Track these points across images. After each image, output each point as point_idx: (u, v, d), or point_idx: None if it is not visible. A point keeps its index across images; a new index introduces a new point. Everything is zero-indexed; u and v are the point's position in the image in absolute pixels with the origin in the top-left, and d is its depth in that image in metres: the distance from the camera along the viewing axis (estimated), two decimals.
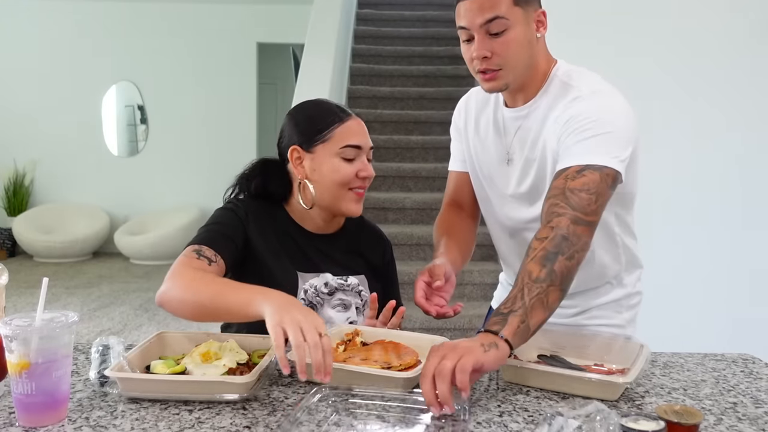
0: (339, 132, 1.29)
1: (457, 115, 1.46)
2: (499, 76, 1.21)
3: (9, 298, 4.77)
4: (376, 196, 4.23)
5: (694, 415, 0.83)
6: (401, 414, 0.93)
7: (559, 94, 1.24)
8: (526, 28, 1.19)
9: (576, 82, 1.24)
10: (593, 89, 1.22)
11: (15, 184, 7.02)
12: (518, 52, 1.19)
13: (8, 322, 0.88)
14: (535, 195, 1.28)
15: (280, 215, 1.36)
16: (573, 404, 0.83)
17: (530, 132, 1.27)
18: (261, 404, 0.98)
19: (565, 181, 1.13)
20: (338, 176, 1.28)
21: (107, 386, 1.01)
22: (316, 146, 1.30)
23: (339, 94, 4.80)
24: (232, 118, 7.09)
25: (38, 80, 7.13)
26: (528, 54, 1.21)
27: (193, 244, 1.23)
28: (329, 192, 1.30)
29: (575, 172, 1.13)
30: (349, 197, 1.31)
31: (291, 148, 1.32)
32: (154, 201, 7.18)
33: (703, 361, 1.24)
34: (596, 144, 1.15)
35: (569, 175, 1.14)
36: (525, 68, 1.22)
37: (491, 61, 1.19)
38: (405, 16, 6.38)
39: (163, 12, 7.13)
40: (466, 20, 1.19)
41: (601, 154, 1.14)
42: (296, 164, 1.32)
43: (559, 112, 1.22)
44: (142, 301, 5.13)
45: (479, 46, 1.18)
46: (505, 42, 1.17)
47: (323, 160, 1.29)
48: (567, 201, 1.11)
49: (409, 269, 3.68)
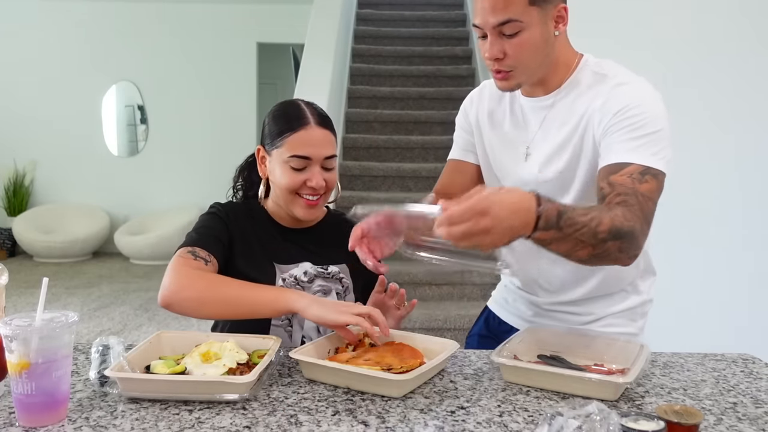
0: (290, 141, 1.30)
1: (469, 105, 1.41)
2: (511, 76, 1.19)
3: (9, 298, 4.77)
4: (376, 196, 4.23)
5: (694, 415, 0.83)
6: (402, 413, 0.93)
7: (594, 83, 1.21)
8: (543, 27, 1.15)
9: (612, 72, 1.20)
10: (634, 78, 1.19)
11: (15, 184, 7.02)
12: (533, 54, 1.16)
13: (8, 322, 0.88)
14: (561, 183, 1.23)
15: (258, 212, 1.41)
16: (573, 404, 0.83)
17: (556, 122, 1.24)
18: (261, 404, 0.98)
19: (632, 181, 1.09)
20: (284, 183, 1.31)
21: (107, 386, 1.01)
22: (272, 150, 1.34)
23: (339, 94, 4.81)
24: (232, 118, 7.09)
25: (38, 80, 7.13)
26: (544, 53, 1.18)
27: (186, 246, 1.27)
28: (281, 196, 1.35)
29: (639, 174, 1.10)
30: (298, 203, 1.33)
31: (258, 146, 1.39)
32: (154, 201, 7.18)
33: (703, 361, 1.24)
34: (653, 143, 1.12)
35: (634, 176, 1.10)
36: (540, 67, 1.20)
37: (504, 62, 1.17)
38: (405, 16, 6.39)
39: (163, 12, 7.13)
40: (480, 19, 1.16)
41: (659, 158, 1.12)
42: (261, 163, 1.38)
43: (603, 99, 1.17)
44: (142, 301, 5.13)
45: (491, 48, 1.16)
46: (519, 44, 1.14)
47: (275, 165, 1.33)
48: (641, 207, 1.07)
49: (408, 269, 3.69)
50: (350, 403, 0.98)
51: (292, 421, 0.92)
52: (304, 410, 0.96)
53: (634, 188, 1.08)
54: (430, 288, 3.69)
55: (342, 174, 4.54)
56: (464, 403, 1.00)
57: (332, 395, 1.02)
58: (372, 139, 4.83)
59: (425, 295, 3.70)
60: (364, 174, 4.53)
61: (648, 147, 1.12)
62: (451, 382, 1.09)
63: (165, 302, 1.19)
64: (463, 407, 0.98)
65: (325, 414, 0.94)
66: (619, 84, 1.18)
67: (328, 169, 1.33)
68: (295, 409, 0.96)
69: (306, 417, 0.93)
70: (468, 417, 0.94)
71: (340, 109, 4.90)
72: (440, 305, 3.58)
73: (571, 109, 1.22)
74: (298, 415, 0.94)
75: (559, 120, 1.24)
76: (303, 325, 1.35)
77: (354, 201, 4.46)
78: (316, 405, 0.98)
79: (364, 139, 4.84)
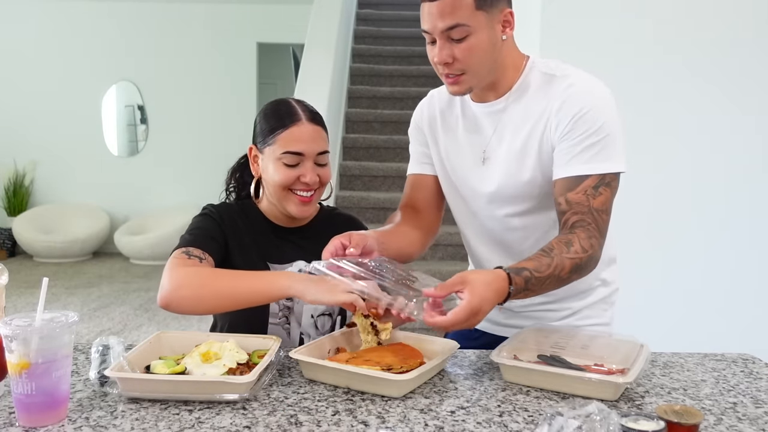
0: (282, 138, 1.31)
1: (419, 117, 1.42)
2: (462, 80, 1.20)
3: (9, 298, 4.77)
4: (376, 196, 4.23)
5: (694, 415, 0.83)
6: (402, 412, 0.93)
7: (543, 84, 1.23)
8: (490, 31, 1.17)
9: (560, 71, 1.23)
10: (583, 77, 1.22)
11: (15, 184, 7.02)
12: (481, 57, 1.18)
13: (8, 322, 0.88)
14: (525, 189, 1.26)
15: (252, 212, 1.41)
16: (573, 404, 0.83)
17: (510, 125, 1.26)
18: (261, 404, 0.98)
19: (587, 198, 1.16)
20: (278, 179, 1.31)
21: (107, 386, 1.01)
22: (265, 148, 1.34)
23: (339, 94, 4.80)
24: (233, 118, 7.09)
25: (38, 80, 7.13)
26: (492, 57, 1.20)
27: (179, 247, 1.28)
28: (275, 193, 1.35)
29: (593, 188, 1.16)
30: (292, 200, 1.33)
31: (250, 145, 1.39)
32: (154, 201, 7.18)
33: (703, 361, 1.24)
34: (606, 147, 1.17)
35: (588, 191, 1.16)
36: (490, 71, 1.22)
37: (453, 66, 1.19)
38: (405, 16, 6.39)
39: (163, 12, 7.13)
40: (428, 24, 1.17)
41: (613, 161, 1.17)
42: (253, 162, 1.39)
43: (559, 103, 1.19)
44: (142, 301, 5.13)
45: (440, 52, 1.18)
46: (467, 48, 1.16)
47: (268, 163, 1.34)
48: (597, 224, 1.17)
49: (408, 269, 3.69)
50: (350, 403, 0.98)
51: (292, 421, 0.92)
52: (304, 410, 0.96)
53: (589, 206, 1.17)
54: None
55: (342, 174, 4.53)
56: (464, 403, 1.00)
57: (332, 395, 1.02)
58: (372, 139, 4.83)
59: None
60: (364, 174, 4.53)
61: (601, 153, 1.17)
62: (451, 382, 1.09)
63: (163, 303, 1.19)
64: (463, 407, 0.98)
65: (325, 414, 0.94)
66: (571, 85, 1.20)
67: (321, 165, 1.34)
68: (295, 409, 0.96)
69: (306, 417, 0.93)
70: (468, 417, 0.94)
71: (340, 109, 4.90)
72: None
73: (525, 112, 1.24)
74: (298, 415, 0.94)
75: (513, 123, 1.26)
76: (300, 322, 1.36)
77: (354, 201, 4.48)
78: (316, 405, 0.98)
79: (364, 139, 4.84)
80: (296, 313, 1.36)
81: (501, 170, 1.27)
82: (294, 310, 1.36)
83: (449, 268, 3.74)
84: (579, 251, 1.13)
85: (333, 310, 1.39)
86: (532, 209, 1.28)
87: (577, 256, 1.13)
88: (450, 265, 3.84)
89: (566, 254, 1.13)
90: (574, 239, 1.14)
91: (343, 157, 4.76)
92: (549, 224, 1.28)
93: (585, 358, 1.13)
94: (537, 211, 1.28)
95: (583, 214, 1.16)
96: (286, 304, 1.35)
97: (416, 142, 1.44)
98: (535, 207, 1.27)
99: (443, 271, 3.70)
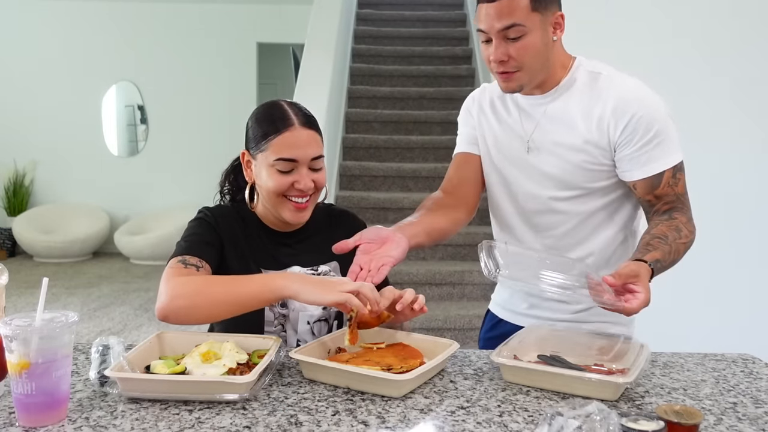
0: (274, 144, 1.28)
1: (470, 103, 1.50)
2: (515, 77, 1.28)
3: (9, 298, 4.77)
4: (376, 196, 4.23)
5: (694, 415, 0.83)
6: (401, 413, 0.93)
7: (590, 81, 1.32)
8: (543, 32, 1.25)
9: (605, 71, 1.32)
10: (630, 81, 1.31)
11: (15, 184, 7.02)
12: (535, 56, 1.26)
13: (8, 322, 0.88)
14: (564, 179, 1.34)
15: (248, 217, 1.38)
16: (573, 404, 0.83)
17: (556, 117, 1.33)
18: (261, 404, 0.98)
19: (671, 188, 1.30)
20: (271, 186, 1.29)
21: (107, 386, 1.01)
22: (257, 154, 1.31)
23: (339, 94, 4.80)
24: (232, 118, 7.07)
25: (38, 80, 7.13)
26: (545, 57, 1.27)
27: (176, 256, 1.25)
28: (269, 199, 1.32)
29: (672, 177, 1.29)
30: (287, 207, 1.31)
31: (242, 151, 1.36)
32: (154, 201, 7.18)
33: (703, 361, 1.24)
34: (668, 141, 1.28)
35: (670, 182, 1.30)
36: (541, 69, 1.29)
37: (508, 64, 1.26)
38: (405, 16, 6.39)
39: (163, 12, 7.13)
40: (485, 24, 1.25)
41: (676, 150, 1.29)
42: (246, 168, 1.36)
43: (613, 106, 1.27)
44: (142, 301, 5.13)
45: (496, 51, 1.25)
46: (522, 47, 1.24)
47: (261, 169, 1.31)
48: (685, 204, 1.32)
49: (408, 269, 3.69)
50: (350, 403, 0.98)
51: (292, 421, 0.92)
52: (304, 410, 0.96)
53: (675, 193, 1.30)
54: (430, 288, 3.70)
55: (342, 174, 4.53)
56: (464, 403, 1.00)
57: (332, 395, 1.02)
58: (372, 139, 4.82)
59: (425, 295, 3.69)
60: (364, 174, 4.53)
61: (666, 146, 1.28)
62: (451, 382, 1.09)
63: (161, 315, 1.17)
64: (463, 407, 0.98)
65: (325, 414, 0.94)
66: (625, 89, 1.29)
67: (315, 170, 1.31)
68: (295, 409, 0.96)
69: (306, 417, 0.93)
70: (468, 417, 0.94)
71: (340, 109, 4.90)
72: (440, 305, 3.58)
73: (571, 106, 1.32)
74: (298, 415, 0.94)
75: (559, 116, 1.33)
76: (297, 329, 1.34)
77: (354, 201, 4.49)
78: (316, 405, 0.98)
79: (364, 139, 4.84)
80: (292, 320, 1.33)
81: (546, 159, 1.35)
82: (290, 318, 1.33)
83: (449, 268, 3.74)
84: (687, 234, 1.28)
85: (329, 315, 1.36)
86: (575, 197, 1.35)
87: (687, 240, 1.28)
88: (450, 265, 3.84)
89: (679, 240, 1.26)
90: (680, 225, 1.28)
91: (343, 157, 4.75)
92: (588, 213, 1.36)
93: (585, 358, 1.13)
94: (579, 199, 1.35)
95: (673, 202, 1.31)
96: (281, 311, 1.32)
97: (466, 125, 1.50)
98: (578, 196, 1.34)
99: (443, 271, 3.71)
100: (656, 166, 1.28)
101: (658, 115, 1.28)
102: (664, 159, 1.28)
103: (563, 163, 1.33)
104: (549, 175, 1.35)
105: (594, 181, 1.33)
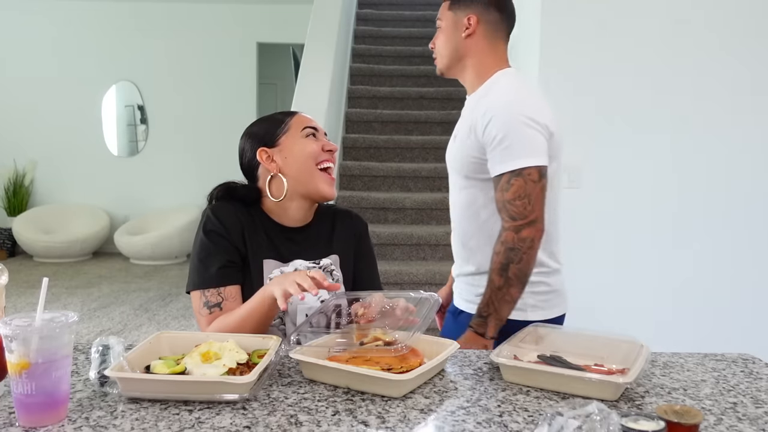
0: (294, 121, 1.42)
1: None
2: (436, 62, 1.59)
3: (9, 298, 4.77)
4: (376, 196, 4.23)
5: (694, 415, 0.83)
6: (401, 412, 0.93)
7: (485, 93, 1.49)
8: (454, 29, 1.53)
9: (497, 84, 1.48)
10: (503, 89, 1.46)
11: (15, 184, 7.02)
12: (443, 46, 1.55)
13: (8, 322, 0.88)
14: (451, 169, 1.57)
15: (258, 214, 1.42)
16: (573, 404, 0.83)
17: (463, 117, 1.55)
18: (261, 404, 0.98)
19: (501, 194, 1.39)
20: (309, 150, 1.38)
21: (107, 386, 1.01)
22: (279, 139, 1.40)
23: (339, 94, 4.81)
24: (232, 118, 7.09)
25: (38, 80, 7.14)
26: (452, 48, 1.53)
27: (195, 289, 1.32)
28: (304, 173, 1.38)
29: (506, 183, 1.38)
30: (322, 179, 1.39)
31: (259, 150, 1.40)
32: (154, 201, 7.18)
33: (703, 361, 1.24)
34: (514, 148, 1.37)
35: (502, 187, 1.39)
36: (450, 61, 1.55)
37: (434, 51, 1.58)
38: (405, 16, 6.39)
39: (162, 12, 7.14)
40: None
41: (520, 157, 1.36)
42: (267, 162, 1.40)
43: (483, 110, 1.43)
44: (142, 301, 5.13)
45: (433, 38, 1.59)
46: (438, 37, 1.57)
47: (292, 144, 1.39)
48: (508, 213, 1.37)
49: (408, 269, 3.69)
50: (350, 403, 0.98)
51: (292, 421, 0.92)
52: (304, 410, 0.96)
53: (502, 200, 1.39)
54: (431, 288, 3.68)
55: (342, 174, 4.53)
56: (464, 403, 1.00)
57: (332, 395, 1.02)
58: (372, 139, 4.83)
59: None
60: (364, 174, 4.53)
61: (511, 152, 1.37)
62: (451, 382, 1.09)
63: None
64: (463, 407, 0.98)
65: (325, 414, 0.94)
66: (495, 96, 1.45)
67: None
68: (295, 409, 0.96)
69: (306, 417, 0.93)
70: (468, 417, 0.94)
71: (340, 109, 4.90)
72: None
73: (471, 110, 1.50)
74: (298, 415, 0.94)
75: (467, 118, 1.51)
76: (295, 322, 1.37)
77: (354, 201, 4.48)
78: (316, 405, 0.98)
79: (364, 139, 4.84)
80: (290, 313, 1.37)
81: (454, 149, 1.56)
82: (288, 311, 1.37)
83: (449, 268, 3.73)
84: (494, 258, 1.38)
85: (327, 308, 1.38)
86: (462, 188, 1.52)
87: (496, 260, 1.37)
88: (450, 265, 3.83)
89: (490, 270, 1.38)
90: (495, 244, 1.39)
91: (344, 157, 4.75)
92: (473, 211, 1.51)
93: (585, 358, 1.13)
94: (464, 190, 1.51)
95: (499, 212, 1.41)
96: None
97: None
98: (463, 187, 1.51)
99: (443, 272, 3.70)
100: (498, 168, 1.40)
101: (512, 120, 1.38)
102: (505, 163, 1.38)
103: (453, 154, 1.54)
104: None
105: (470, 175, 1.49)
